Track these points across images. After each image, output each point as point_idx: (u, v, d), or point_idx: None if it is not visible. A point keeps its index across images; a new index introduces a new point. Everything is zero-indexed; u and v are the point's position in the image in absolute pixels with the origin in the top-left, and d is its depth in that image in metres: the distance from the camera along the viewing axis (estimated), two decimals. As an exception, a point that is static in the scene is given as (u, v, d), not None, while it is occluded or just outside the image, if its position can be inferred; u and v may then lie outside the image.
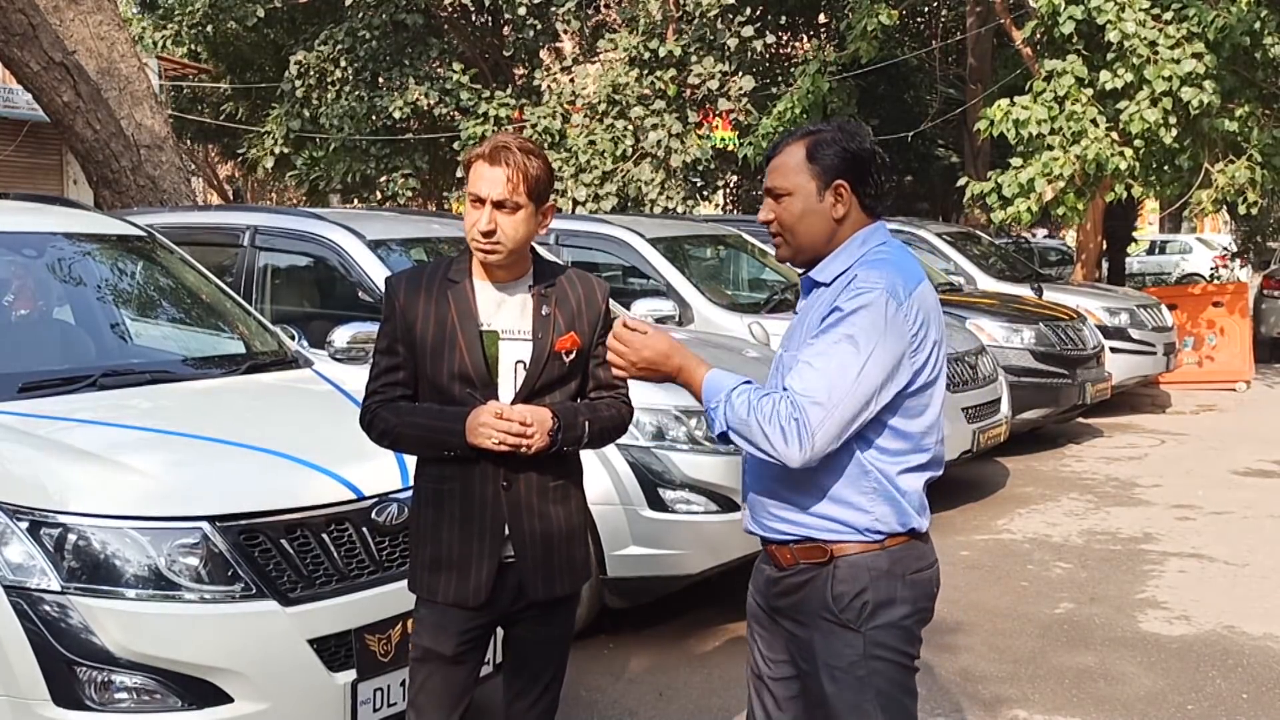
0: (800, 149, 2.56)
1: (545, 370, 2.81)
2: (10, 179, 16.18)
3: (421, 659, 2.89)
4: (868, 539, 2.51)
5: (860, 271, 2.48)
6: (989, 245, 13.49)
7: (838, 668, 2.52)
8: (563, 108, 16.94)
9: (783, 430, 2.37)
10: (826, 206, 2.55)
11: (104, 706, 3.11)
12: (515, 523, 2.83)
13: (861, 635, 2.51)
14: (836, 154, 2.54)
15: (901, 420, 2.50)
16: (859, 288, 2.44)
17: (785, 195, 2.57)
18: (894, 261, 2.52)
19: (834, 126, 2.59)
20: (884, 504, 2.51)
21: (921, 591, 2.58)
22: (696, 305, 7.94)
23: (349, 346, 5.07)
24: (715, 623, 5.47)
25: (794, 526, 2.55)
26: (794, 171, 2.56)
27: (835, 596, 2.51)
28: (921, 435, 2.53)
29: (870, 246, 2.56)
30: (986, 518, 7.52)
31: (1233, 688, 4.80)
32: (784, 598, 2.60)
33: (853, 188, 2.56)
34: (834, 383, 2.37)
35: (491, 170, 2.75)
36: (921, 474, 2.56)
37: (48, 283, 4.83)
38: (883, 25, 13.97)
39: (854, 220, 2.58)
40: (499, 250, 2.78)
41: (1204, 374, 13.42)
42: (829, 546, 2.52)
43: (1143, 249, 30.07)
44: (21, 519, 3.17)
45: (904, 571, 2.54)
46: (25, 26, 8.61)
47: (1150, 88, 11.70)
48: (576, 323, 2.87)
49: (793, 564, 2.57)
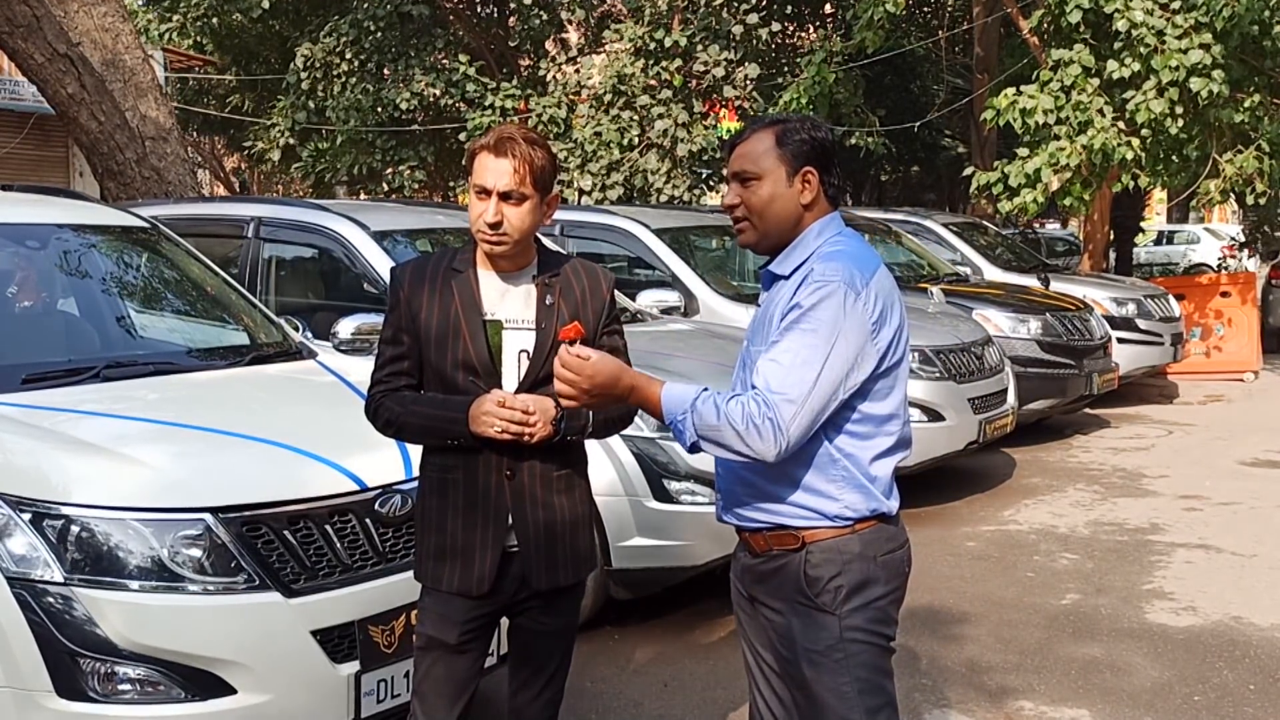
0: (769, 135, 2.59)
1: (549, 359, 2.80)
2: (16, 171, 16.19)
3: (425, 647, 2.90)
4: (838, 525, 2.56)
5: (817, 265, 2.52)
6: (996, 235, 13.46)
7: (815, 651, 2.56)
8: (568, 98, 16.92)
9: (757, 429, 2.41)
10: (795, 192, 2.59)
11: (107, 698, 3.11)
12: (519, 512, 2.83)
13: (837, 619, 2.55)
14: (805, 141, 2.58)
15: (868, 404, 2.55)
16: (817, 281, 2.49)
17: (754, 180, 2.60)
18: (849, 253, 2.56)
19: (798, 117, 2.64)
20: (852, 491, 2.56)
21: (894, 572, 2.62)
22: (702, 296, 7.93)
23: (353, 338, 5.07)
24: (720, 614, 5.46)
25: (766, 514, 2.60)
26: (763, 156, 2.59)
27: (810, 581, 2.55)
28: (887, 418, 2.58)
29: (826, 238, 2.60)
30: (993, 509, 7.50)
31: (1239, 679, 4.79)
32: (760, 584, 2.65)
33: (820, 176, 2.60)
34: (802, 377, 2.43)
35: (497, 161, 2.75)
36: (890, 457, 2.61)
37: (51, 274, 4.82)
38: (889, 14, 13.89)
39: (818, 209, 2.62)
40: (505, 241, 2.78)
41: (1211, 364, 13.38)
42: (800, 533, 2.56)
43: (1150, 239, 29.97)
44: (24, 510, 3.17)
45: (875, 554, 2.58)
46: (30, 18, 8.61)
47: (1157, 78, 11.65)
48: (581, 312, 2.86)
49: (766, 550, 2.62)
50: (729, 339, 6.43)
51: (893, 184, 25.84)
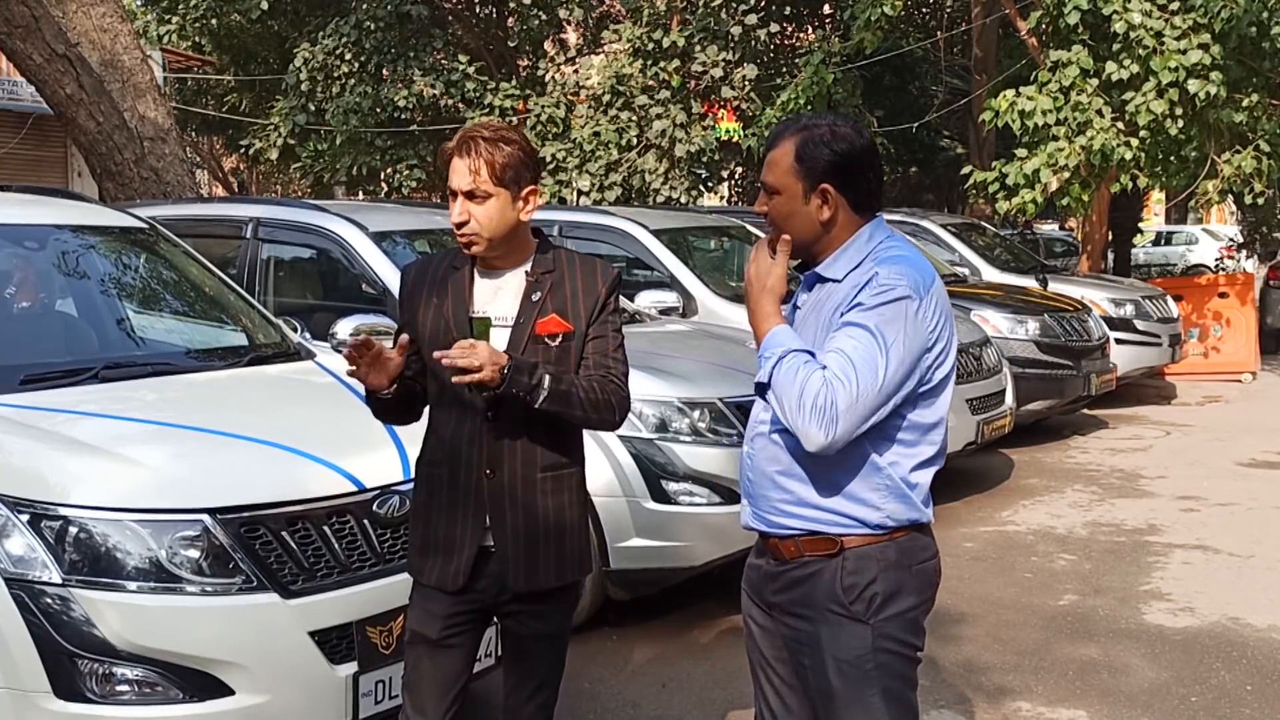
0: (790, 148, 2.56)
1: (526, 355, 2.79)
2: (15, 171, 16.17)
3: (410, 641, 2.93)
4: (877, 533, 2.52)
5: (880, 270, 2.49)
6: (994, 236, 13.46)
7: (845, 661, 2.52)
8: (567, 99, 16.92)
9: (815, 410, 2.38)
10: (812, 209, 2.56)
11: (105, 698, 3.11)
12: (496, 512, 2.83)
13: (870, 627, 2.51)
14: (824, 156, 2.54)
15: (916, 413, 2.52)
16: (883, 284, 2.46)
17: (776, 193, 2.59)
18: (910, 259, 2.54)
19: (827, 123, 2.57)
20: (895, 500, 2.53)
21: (926, 581, 2.60)
22: (700, 297, 7.93)
23: (351, 339, 5.06)
24: (718, 614, 5.46)
25: (800, 521, 2.55)
26: (783, 171, 2.57)
27: (846, 588, 2.51)
28: (932, 427, 2.56)
29: (877, 242, 2.58)
30: (991, 509, 7.51)
31: (1237, 679, 4.79)
32: (785, 592, 2.60)
33: (840, 189, 2.56)
34: (862, 376, 2.40)
35: (460, 161, 2.80)
36: (931, 467, 2.58)
37: (50, 275, 4.82)
38: (887, 15, 13.89)
39: (844, 221, 2.58)
40: (477, 240, 2.82)
41: (1209, 365, 13.39)
42: (839, 538, 2.52)
43: (1149, 240, 30.00)
44: (23, 511, 3.17)
45: (910, 562, 2.56)
46: (28, 19, 8.60)
47: (1156, 79, 11.66)
48: (571, 307, 2.85)
49: (796, 557, 2.56)
50: (727, 339, 6.43)
51: (891, 184, 25.81)
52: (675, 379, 5.36)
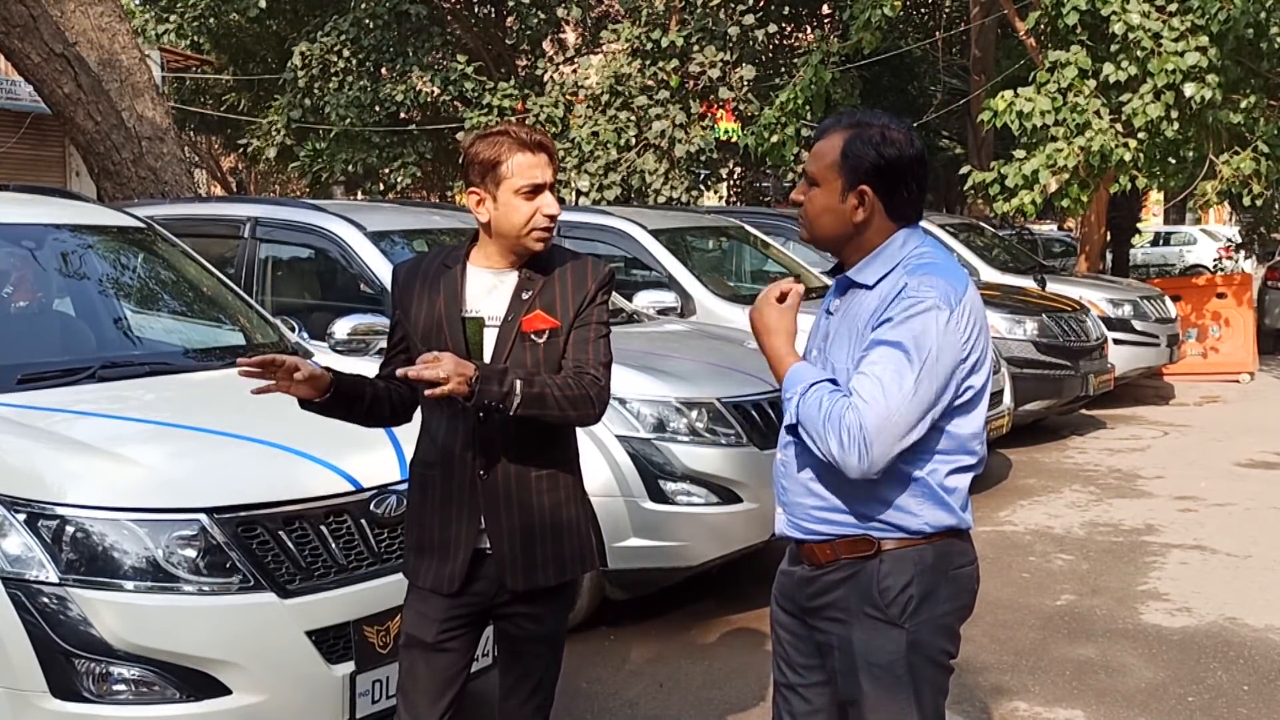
0: (839, 141, 2.51)
1: (513, 353, 2.78)
2: (13, 171, 16.16)
3: (406, 645, 2.91)
4: (915, 538, 2.50)
5: (910, 280, 2.44)
6: (992, 237, 13.46)
7: (878, 665, 2.49)
8: (565, 98, 16.92)
9: (846, 438, 2.36)
10: (848, 209, 2.51)
11: (102, 698, 3.11)
12: (491, 513, 2.81)
13: (904, 631, 2.48)
14: (869, 157, 2.48)
15: (954, 424, 2.48)
16: (912, 296, 2.41)
17: (815, 184, 2.55)
18: (941, 267, 2.48)
19: (880, 124, 2.51)
20: (934, 508, 2.50)
21: (963, 587, 2.57)
22: (698, 297, 7.93)
23: (349, 338, 5.06)
24: (716, 614, 5.47)
25: (836, 528, 2.52)
26: (826, 164, 2.52)
27: (882, 590, 2.48)
28: (970, 437, 2.52)
29: (910, 249, 2.53)
30: (988, 509, 7.51)
31: (1234, 679, 4.79)
32: (820, 596, 2.56)
33: (878, 193, 2.50)
34: (890, 395, 2.36)
35: (538, 156, 2.79)
36: (969, 473, 2.55)
37: (47, 274, 4.82)
38: (886, 15, 13.89)
39: (878, 227, 2.53)
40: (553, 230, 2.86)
41: (1207, 365, 13.39)
42: (876, 540, 2.50)
43: (1147, 240, 29.99)
44: (19, 510, 3.17)
45: (947, 567, 2.53)
46: (26, 18, 8.59)
47: (1154, 81, 11.66)
48: (560, 304, 2.83)
49: (833, 559, 2.53)
50: (725, 340, 6.44)
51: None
52: (673, 379, 5.37)
